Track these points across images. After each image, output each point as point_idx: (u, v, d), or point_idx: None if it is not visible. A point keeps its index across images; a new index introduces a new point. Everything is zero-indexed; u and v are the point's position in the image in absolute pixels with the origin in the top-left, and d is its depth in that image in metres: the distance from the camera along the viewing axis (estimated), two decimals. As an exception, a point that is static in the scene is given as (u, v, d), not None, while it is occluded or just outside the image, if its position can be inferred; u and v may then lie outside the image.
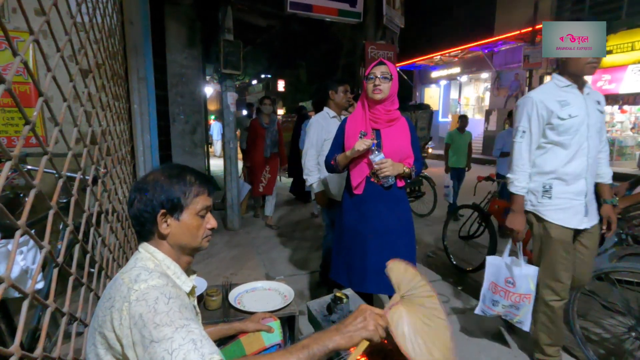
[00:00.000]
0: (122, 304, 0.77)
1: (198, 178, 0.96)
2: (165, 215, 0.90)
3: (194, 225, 0.94)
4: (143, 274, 0.83)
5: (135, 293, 0.77)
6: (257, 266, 3.28)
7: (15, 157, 0.65)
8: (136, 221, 0.92)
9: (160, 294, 0.77)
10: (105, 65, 1.71)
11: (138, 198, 0.90)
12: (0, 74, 0.61)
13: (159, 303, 0.76)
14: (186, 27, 3.87)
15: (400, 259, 0.98)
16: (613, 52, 9.70)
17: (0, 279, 0.61)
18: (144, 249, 0.92)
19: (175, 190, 0.91)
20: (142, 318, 0.74)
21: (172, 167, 0.97)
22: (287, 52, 9.73)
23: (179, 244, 0.94)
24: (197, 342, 0.72)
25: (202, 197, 0.95)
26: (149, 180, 0.92)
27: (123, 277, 0.83)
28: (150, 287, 0.78)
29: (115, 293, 0.80)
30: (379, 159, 1.64)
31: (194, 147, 4.10)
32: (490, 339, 2.20)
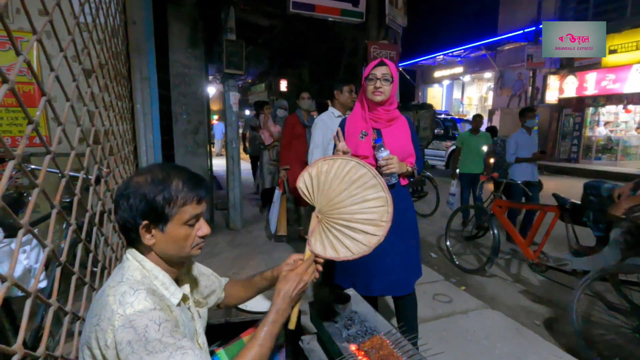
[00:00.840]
0: (107, 326, 0.74)
1: (186, 184, 0.86)
2: (148, 227, 0.84)
3: (181, 235, 0.86)
4: (128, 292, 0.78)
5: (121, 318, 0.74)
6: (259, 266, 3.28)
7: (18, 156, 0.66)
8: (121, 229, 0.87)
9: (149, 321, 0.75)
10: (108, 65, 1.72)
11: (120, 205, 0.84)
12: (4, 74, 0.62)
13: (149, 331, 0.74)
14: (189, 27, 3.87)
15: (324, 158, 1.14)
16: (617, 51, 9.65)
17: (3, 278, 0.62)
18: (132, 256, 0.87)
19: (158, 200, 0.82)
20: (131, 345, 0.72)
21: (157, 169, 0.87)
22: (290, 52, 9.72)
23: (165, 254, 0.88)
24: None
25: (190, 206, 0.86)
26: (132, 185, 0.84)
27: (109, 294, 0.79)
28: (137, 314, 0.75)
29: (101, 311, 0.77)
30: (385, 155, 1.61)
31: (197, 147, 4.10)
32: (493, 340, 2.19)
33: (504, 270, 3.33)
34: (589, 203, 2.46)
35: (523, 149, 3.91)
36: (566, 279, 2.94)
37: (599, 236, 2.46)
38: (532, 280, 3.08)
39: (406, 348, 1.13)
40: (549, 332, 2.33)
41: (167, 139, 3.75)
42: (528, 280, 3.09)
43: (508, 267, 3.41)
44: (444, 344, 2.14)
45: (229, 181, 4.37)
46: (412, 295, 1.84)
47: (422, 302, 2.60)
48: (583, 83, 10.67)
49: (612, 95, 10.06)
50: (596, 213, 2.42)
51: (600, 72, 10.07)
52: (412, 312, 1.87)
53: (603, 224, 2.40)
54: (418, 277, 1.86)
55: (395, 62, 4.90)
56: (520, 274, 3.23)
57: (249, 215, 5.01)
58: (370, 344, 1.13)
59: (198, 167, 4.08)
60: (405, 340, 1.16)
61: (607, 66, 9.92)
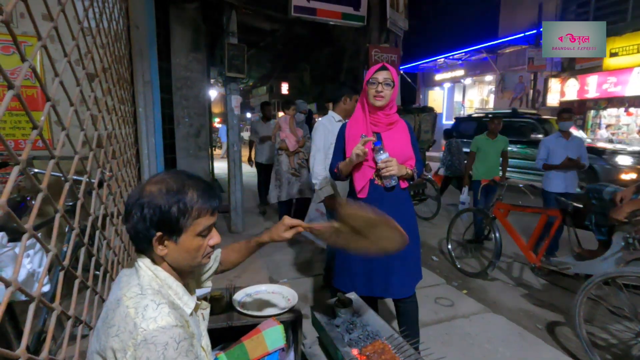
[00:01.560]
0: (128, 339, 0.75)
1: (201, 195, 0.85)
2: (161, 238, 0.84)
3: (194, 246, 0.87)
4: (150, 306, 0.78)
5: (143, 333, 0.74)
6: (260, 269, 3.28)
7: (23, 162, 0.66)
8: (132, 238, 0.87)
9: (169, 339, 0.75)
10: (111, 69, 1.73)
11: (133, 214, 0.83)
12: (10, 79, 0.62)
13: (169, 350, 0.74)
14: (191, 31, 3.90)
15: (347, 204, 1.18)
16: (619, 54, 9.65)
17: (7, 283, 0.62)
18: (145, 265, 0.87)
19: (173, 212, 0.82)
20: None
21: (173, 179, 0.86)
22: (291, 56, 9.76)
23: (176, 264, 0.89)
24: None
25: (205, 218, 0.86)
26: (146, 194, 0.83)
27: (128, 305, 0.78)
28: (159, 330, 0.75)
29: (120, 322, 0.77)
30: (384, 157, 1.62)
31: (199, 150, 4.12)
32: (495, 343, 2.18)
33: (506, 274, 3.32)
34: (591, 206, 2.46)
35: (555, 155, 3.45)
36: (568, 283, 2.93)
37: (601, 240, 2.45)
38: (535, 284, 3.07)
39: (408, 352, 1.13)
40: (551, 336, 2.32)
41: (169, 142, 3.77)
42: (530, 284, 3.08)
43: (510, 271, 3.40)
44: (445, 348, 2.14)
45: (231, 184, 4.38)
46: (412, 297, 1.84)
47: (424, 306, 2.59)
48: (584, 86, 10.67)
49: (613, 98, 10.05)
50: (598, 216, 2.41)
51: (602, 75, 10.06)
52: (413, 315, 1.86)
53: (605, 227, 2.39)
54: (418, 280, 1.86)
55: (396, 65, 4.92)
56: (523, 277, 3.21)
57: (250, 218, 5.01)
58: (372, 349, 1.13)
59: (200, 170, 4.10)
60: (407, 345, 1.16)
61: (609, 69, 9.92)
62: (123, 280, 0.87)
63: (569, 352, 2.13)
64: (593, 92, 10.45)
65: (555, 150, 3.49)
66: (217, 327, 1.41)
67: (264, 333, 1.22)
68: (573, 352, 2.11)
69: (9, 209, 0.61)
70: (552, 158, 3.48)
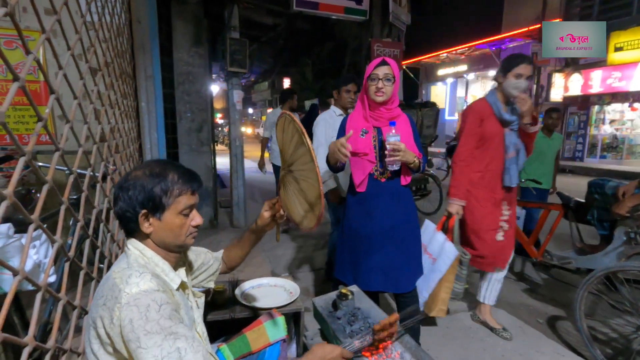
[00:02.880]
0: (113, 304, 0.79)
1: (181, 176, 0.93)
2: (146, 215, 0.90)
3: (177, 224, 0.93)
4: (134, 274, 0.84)
5: (127, 296, 0.79)
6: (262, 263, 3.30)
7: (29, 153, 0.67)
8: (120, 220, 0.93)
9: (151, 301, 0.79)
10: (113, 64, 1.73)
11: (120, 197, 0.90)
12: (15, 71, 0.63)
13: (150, 311, 0.78)
14: (193, 25, 3.89)
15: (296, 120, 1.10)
16: (623, 49, 9.55)
17: (15, 271, 0.63)
18: (132, 246, 0.93)
19: (156, 190, 0.89)
20: (132, 323, 0.77)
21: (155, 164, 0.95)
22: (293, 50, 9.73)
23: (162, 242, 0.95)
24: (182, 350, 0.78)
25: (185, 196, 0.93)
26: (131, 178, 0.91)
27: (115, 277, 0.84)
28: (142, 293, 0.80)
29: (107, 292, 0.82)
30: (395, 140, 1.58)
31: (201, 145, 4.13)
32: (496, 337, 2.19)
33: (508, 269, 3.32)
34: (594, 201, 2.45)
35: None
36: (570, 278, 2.93)
37: (603, 234, 2.45)
38: (536, 279, 3.08)
39: (409, 344, 1.14)
40: (552, 330, 2.33)
41: (171, 137, 3.78)
42: (531, 279, 3.08)
43: (512, 266, 3.40)
44: (446, 341, 2.15)
45: (233, 179, 4.39)
46: (413, 292, 1.85)
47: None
48: (588, 81, 10.58)
49: (617, 93, 9.97)
50: (600, 211, 2.41)
51: (606, 69, 9.98)
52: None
53: (607, 222, 2.39)
54: (420, 275, 1.87)
55: (398, 60, 4.89)
56: (524, 272, 3.22)
57: (253, 213, 5.03)
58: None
59: (202, 166, 4.11)
60: (407, 336, 1.17)
61: (613, 64, 9.82)
62: (116, 262, 0.94)
63: (570, 345, 2.14)
64: (597, 87, 10.37)
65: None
66: (219, 319, 1.43)
67: (265, 324, 1.24)
68: (574, 346, 2.12)
69: (16, 199, 0.62)
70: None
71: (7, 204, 0.60)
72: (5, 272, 1.23)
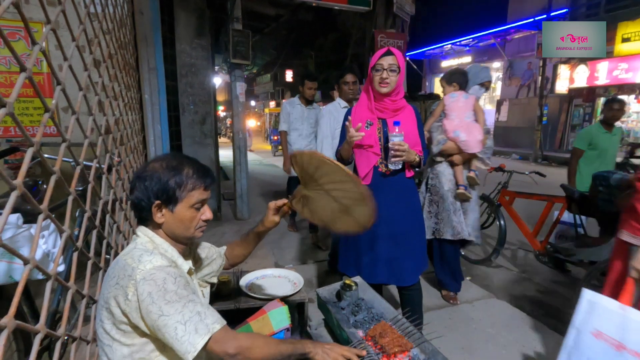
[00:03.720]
0: (127, 282, 0.83)
1: (196, 172, 0.97)
2: (160, 206, 0.94)
3: (188, 217, 0.97)
4: (145, 255, 0.88)
5: (141, 272, 0.84)
6: (266, 255, 3.32)
7: (37, 143, 0.68)
8: (134, 208, 0.97)
9: (167, 275, 0.85)
10: (117, 56, 1.73)
11: (137, 186, 0.94)
12: (22, 62, 0.63)
13: (167, 282, 0.84)
14: (195, 17, 3.86)
15: (301, 151, 1.12)
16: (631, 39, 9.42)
17: (26, 260, 0.64)
18: (142, 233, 0.97)
19: (171, 183, 0.93)
20: (152, 296, 0.82)
21: (172, 158, 0.98)
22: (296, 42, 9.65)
23: (172, 233, 0.98)
24: (202, 313, 0.84)
25: (198, 191, 0.97)
26: (149, 169, 0.95)
27: (125, 259, 0.89)
28: (156, 268, 0.85)
29: (119, 272, 0.86)
30: (398, 140, 1.58)
31: (204, 138, 4.13)
32: (498, 328, 2.21)
33: (510, 261, 3.33)
34: (598, 193, 2.45)
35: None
36: (572, 270, 2.94)
37: (606, 227, 2.44)
38: (538, 271, 3.09)
39: (412, 333, 1.15)
40: (554, 321, 2.34)
41: (174, 129, 3.78)
42: (534, 271, 3.09)
43: (514, 258, 3.42)
44: (449, 331, 2.17)
45: (236, 172, 4.40)
46: (417, 285, 1.86)
47: (428, 291, 2.62)
48: (594, 72, 10.46)
49: (624, 85, 9.86)
50: (605, 203, 2.40)
51: (612, 61, 9.85)
52: (417, 303, 1.88)
53: (611, 214, 2.38)
54: (424, 269, 1.87)
55: (402, 51, 4.85)
56: (527, 264, 3.23)
57: (256, 205, 5.05)
58: (376, 330, 1.15)
59: (205, 158, 4.11)
60: (411, 326, 1.18)
61: (620, 55, 9.70)
62: (125, 248, 0.97)
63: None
64: (603, 78, 10.25)
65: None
66: (224, 309, 1.44)
67: (269, 314, 1.25)
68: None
69: (25, 189, 0.63)
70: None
71: (17, 194, 0.61)
72: (15, 261, 1.25)
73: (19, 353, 1.35)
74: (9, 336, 0.56)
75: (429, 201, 2.49)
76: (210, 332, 0.83)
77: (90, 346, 1.04)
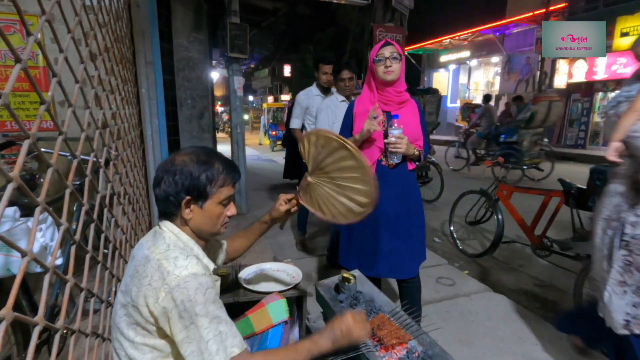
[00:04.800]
0: (160, 285, 0.82)
1: (226, 167, 0.96)
2: (189, 202, 0.92)
3: (216, 213, 0.96)
4: (181, 257, 0.87)
5: (176, 279, 0.82)
6: (265, 249, 3.33)
7: (33, 136, 0.67)
8: (161, 202, 0.94)
9: (199, 285, 0.83)
10: (113, 49, 1.71)
11: (165, 180, 0.91)
12: (17, 53, 0.63)
13: (198, 294, 0.82)
14: (192, 10, 3.83)
15: (310, 130, 1.14)
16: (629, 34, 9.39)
17: (24, 253, 0.64)
18: (167, 229, 0.95)
19: (202, 179, 0.91)
20: (184, 304, 0.81)
21: (201, 152, 0.96)
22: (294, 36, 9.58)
23: (198, 229, 0.97)
24: (223, 334, 0.84)
25: (227, 188, 0.96)
26: (178, 163, 0.92)
27: (159, 258, 0.86)
28: (191, 276, 0.83)
29: (152, 272, 0.85)
30: (398, 133, 1.61)
31: (202, 132, 4.11)
32: (495, 321, 2.23)
33: (507, 255, 3.35)
34: (595, 188, 2.45)
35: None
36: (569, 264, 2.96)
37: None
38: (536, 265, 3.11)
39: (409, 325, 1.16)
40: (551, 315, 2.36)
41: (172, 124, 3.76)
42: (531, 265, 3.11)
43: (512, 252, 3.43)
44: (446, 324, 2.18)
45: (234, 166, 4.39)
46: (416, 278, 1.87)
47: (426, 285, 2.62)
48: (593, 67, 10.45)
49: (622, 80, 9.84)
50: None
51: (611, 55, 9.83)
52: (416, 296, 1.90)
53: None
54: (422, 261, 1.88)
55: (401, 45, 4.82)
56: (524, 258, 3.25)
57: (254, 200, 5.05)
58: (375, 322, 1.16)
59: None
60: (409, 318, 1.19)
61: (619, 49, 9.67)
62: (148, 243, 0.93)
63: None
64: (602, 73, 10.24)
65: None
66: (224, 303, 1.44)
67: (267, 307, 1.26)
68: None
69: (22, 182, 0.63)
70: None
71: (14, 186, 0.61)
72: (13, 254, 1.24)
73: (17, 346, 1.36)
74: (7, 328, 0.56)
75: (623, 264, 1.45)
76: (228, 356, 0.82)
77: (89, 339, 1.04)
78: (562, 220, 2.84)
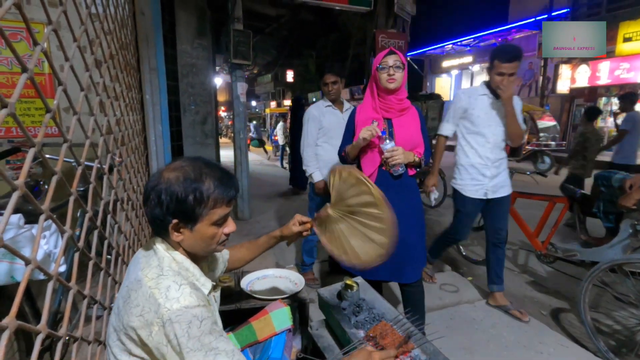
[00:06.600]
0: (152, 318, 0.77)
1: (219, 185, 0.85)
2: (177, 225, 0.85)
3: (209, 235, 0.88)
4: (173, 287, 0.80)
5: (168, 313, 0.76)
6: (267, 255, 3.32)
7: (38, 144, 0.68)
8: (150, 222, 0.89)
9: (193, 317, 0.77)
10: (118, 56, 1.73)
11: (151, 199, 0.84)
12: (23, 62, 0.63)
13: (192, 327, 0.77)
14: (196, 17, 3.86)
15: (343, 166, 1.20)
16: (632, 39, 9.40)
17: (27, 260, 0.64)
18: (162, 249, 0.89)
19: (189, 201, 0.82)
20: (178, 339, 0.76)
21: (190, 167, 0.86)
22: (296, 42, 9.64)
23: (192, 250, 0.91)
24: None
25: (221, 208, 0.87)
26: (164, 180, 0.84)
27: (151, 286, 0.80)
28: (183, 309, 0.77)
29: (144, 302, 0.79)
30: (390, 147, 1.64)
31: (205, 138, 4.13)
32: (499, 328, 2.21)
33: (512, 261, 3.33)
34: (600, 194, 2.44)
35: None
36: (574, 270, 2.93)
37: (608, 227, 2.44)
38: (540, 271, 3.08)
39: (413, 333, 1.15)
40: (556, 321, 2.33)
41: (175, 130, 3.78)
42: (535, 271, 3.09)
43: (516, 258, 3.41)
44: (450, 332, 2.17)
45: (237, 172, 4.40)
46: (419, 282, 1.86)
47: (429, 292, 2.61)
48: (596, 72, 10.44)
49: (625, 85, 9.83)
50: (606, 204, 2.40)
51: (614, 60, 9.83)
52: (419, 300, 1.89)
53: (613, 214, 2.38)
54: (423, 266, 1.88)
55: (403, 51, 4.84)
56: (528, 264, 3.22)
57: (257, 206, 5.05)
58: (377, 330, 1.15)
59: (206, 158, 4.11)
60: (412, 326, 1.18)
61: (622, 55, 9.67)
62: (142, 261, 0.88)
63: (573, 337, 2.15)
64: (605, 78, 10.23)
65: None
66: (226, 309, 1.44)
67: (271, 314, 1.25)
68: (577, 338, 2.13)
69: (27, 190, 0.63)
70: None
71: (19, 194, 0.61)
72: (17, 261, 1.25)
73: (20, 353, 1.36)
74: (10, 336, 0.56)
75: None
76: None
77: (92, 346, 1.04)
78: (566, 227, 2.82)
